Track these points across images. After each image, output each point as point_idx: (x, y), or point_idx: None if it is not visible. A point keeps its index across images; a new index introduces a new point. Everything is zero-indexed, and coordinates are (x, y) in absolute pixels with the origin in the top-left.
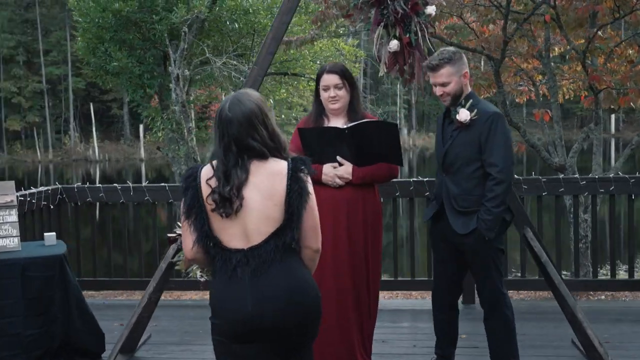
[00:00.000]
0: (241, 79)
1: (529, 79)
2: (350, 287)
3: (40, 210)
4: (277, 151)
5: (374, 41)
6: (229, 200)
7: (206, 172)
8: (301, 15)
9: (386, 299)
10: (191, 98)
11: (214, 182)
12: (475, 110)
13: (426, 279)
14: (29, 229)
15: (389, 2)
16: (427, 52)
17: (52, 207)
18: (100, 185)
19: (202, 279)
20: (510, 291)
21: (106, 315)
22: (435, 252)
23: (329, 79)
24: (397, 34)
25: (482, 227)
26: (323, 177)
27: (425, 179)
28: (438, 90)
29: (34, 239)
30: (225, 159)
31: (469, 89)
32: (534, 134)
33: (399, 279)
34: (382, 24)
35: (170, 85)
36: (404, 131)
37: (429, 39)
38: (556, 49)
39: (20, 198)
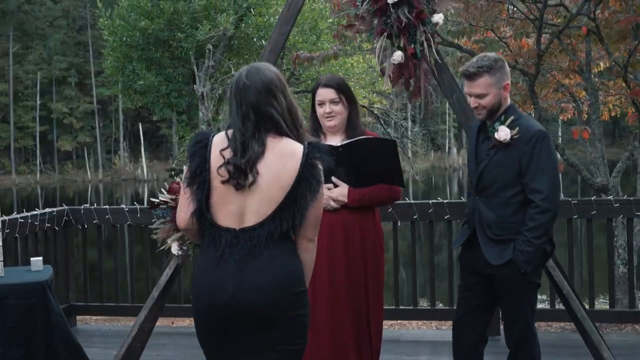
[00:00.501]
0: None
1: (571, 95)
2: (349, 321)
3: (44, 232)
4: (294, 126)
5: (376, 52)
6: (244, 172)
7: (220, 140)
8: (331, 32)
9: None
10: (220, 117)
11: (228, 154)
12: (517, 129)
13: (448, 307)
14: (32, 252)
15: (392, 11)
16: (434, 64)
17: (57, 229)
18: (107, 207)
19: (178, 253)
20: (537, 322)
21: (109, 343)
22: (463, 279)
23: (324, 94)
24: (402, 45)
25: (519, 258)
26: None
27: (445, 201)
28: (472, 102)
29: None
30: (244, 127)
31: (509, 102)
32: (590, 153)
33: (419, 307)
34: (386, 34)
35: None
36: (454, 150)
37: (435, 49)
38: (601, 63)
39: (20, 220)
